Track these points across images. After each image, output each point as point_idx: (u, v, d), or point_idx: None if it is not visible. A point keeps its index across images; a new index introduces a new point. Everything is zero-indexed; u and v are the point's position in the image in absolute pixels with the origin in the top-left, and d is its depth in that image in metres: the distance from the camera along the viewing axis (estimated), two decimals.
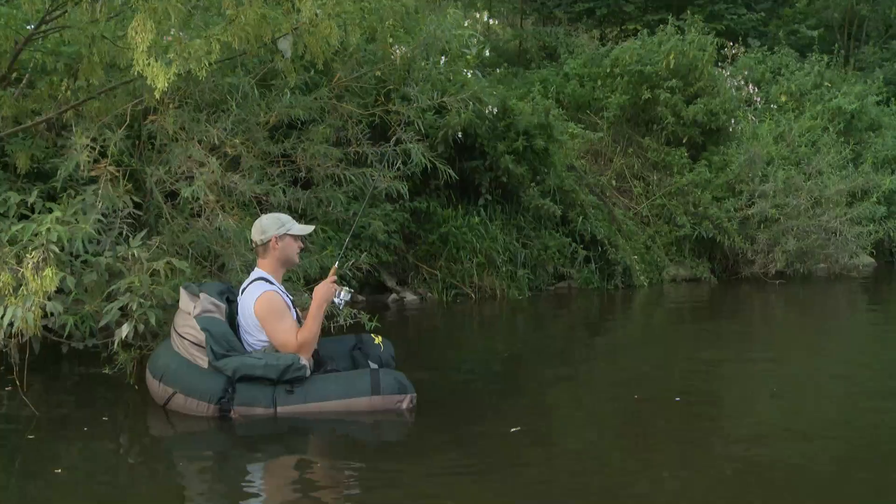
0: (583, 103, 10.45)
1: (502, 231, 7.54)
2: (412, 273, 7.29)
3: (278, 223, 3.54)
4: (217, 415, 3.27)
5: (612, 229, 8.22)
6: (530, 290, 7.56)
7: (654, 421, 3.62)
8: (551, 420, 3.72)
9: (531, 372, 4.66)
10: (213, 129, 3.72)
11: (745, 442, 3.29)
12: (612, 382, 4.44)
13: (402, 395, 3.41)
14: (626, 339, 6.07)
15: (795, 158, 9.85)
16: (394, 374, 3.49)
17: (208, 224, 3.76)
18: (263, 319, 3.41)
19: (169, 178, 3.72)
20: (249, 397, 3.28)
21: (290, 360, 3.33)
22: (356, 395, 3.36)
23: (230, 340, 3.36)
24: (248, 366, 3.28)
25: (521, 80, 11.33)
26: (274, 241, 3.51)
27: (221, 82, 4.04)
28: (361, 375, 3.45)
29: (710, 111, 9.31)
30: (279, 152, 4.65)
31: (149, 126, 3.82)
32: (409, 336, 5.88)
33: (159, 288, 3.53)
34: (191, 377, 3.30)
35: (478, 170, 7.41)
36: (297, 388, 3.33)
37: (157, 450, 3.12)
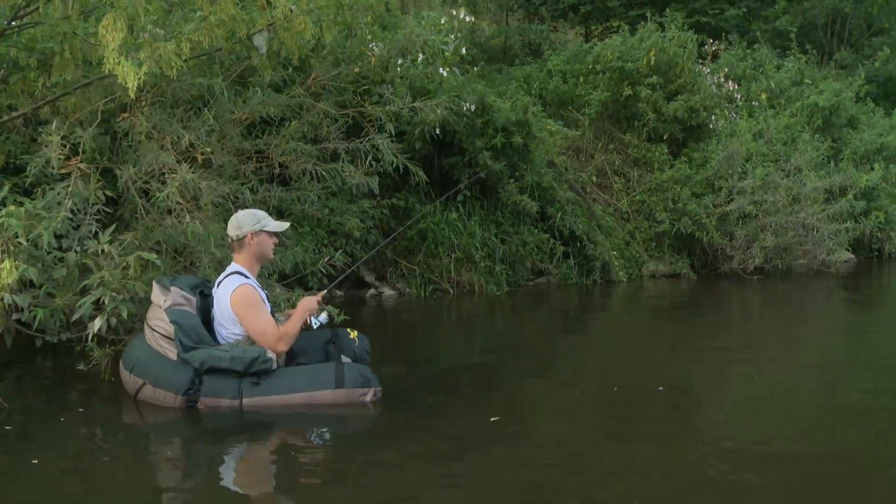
0: (565, 100, 10.57)
1: (481, 227, 7.64)
2: (391, 268, 7.40)
3: (254, 219, 3.64)
4: (184, 405, 3.37)
5: (591, 225, 8.32)
6: (508, 285, 7.66)
7: (633, 411, 3.72)
8: (529, 411, 3.80)
9: (509, 365, 4.72)
10: (185, 134, 3.80)
11: (723, 432, 3.38)
12: (591, 375, 4.51)
13: (365, 388, 3.51)
14: (605, 333, 6.17)
15: (774, 155, 10.00)
16: (358, 368, 3.60)
17: (178, 223, 3.85)
18: (240, 312, 3.51)
19: (139, 176, 3.81)
20: (216, 389, 3.39)
21: (256, 352, 3.43)
22: (320, 388, 3.46)
23: (199, 333, 3.46)
24: (216, 358, 3.39)
25: (505, 76, 11.44)
26: (250, 236, 3.61)
27: (194, 81, 4.13)
28: (326, 369, 3.56)
29: (690, 108, 9.45)
30: (252, 149, 4.74)
31: (122, 123, 3.90)
32: (387, 331, 5.97)
33: (132, 282, 3.62)
34: (159, 369, 3.40)
35: (456, 166, 7.52)
36: (262, 381, 3.44)
37: (130, 441, 3.20)
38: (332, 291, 6.98)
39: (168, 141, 3.86)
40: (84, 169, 3.46)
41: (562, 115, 10.49)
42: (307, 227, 6.33)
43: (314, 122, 5.46)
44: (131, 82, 3.03)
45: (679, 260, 9.07)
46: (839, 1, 14.51)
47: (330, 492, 2.72)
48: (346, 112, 5.16)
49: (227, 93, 4.93)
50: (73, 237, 3.55)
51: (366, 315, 6.51)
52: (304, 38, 4.35)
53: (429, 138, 7.07)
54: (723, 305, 7.91)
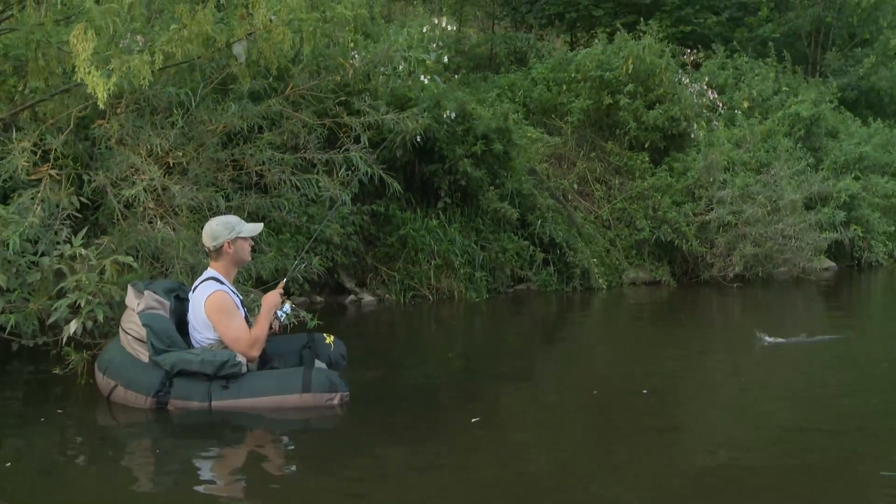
0: (549, 107, 10.75)
1: (461, 234, 7.75)
2: (371, 274, 7.50)
3: (228, 227, 3.73)
4: (154, 407, 3.48)
5: (571, 232, 8.45)
6: (488, 292, 7.77)
7: (612, 415, 3.82)
8: (509, 414, 3.88)
9: (489, 370, 4.80)
10: (157, 139, 3.91)
11: (703, 434, 3.49)
12: (571, 379, 4.60)
13: (332, 393, 3.61)
14: (585, 338, 6.28)
15: (755, 164, 10.19)
16: (325, 373, 3.70)
17: (150, 228, 3.95)
18: (214, 318, 3.61)
19: (110, 180, 3.91)
20: (185, 391, 3.49)
21: (226, 356, 3.54)
22: (287, 392, 3.56)
23: (171, 336, 3.57)
24: (186, 361, 3.49)
25: (490, 84, 11.61)
26: (227, 245, 3.72)
27: (165, 90, 4.24)
28: (294, 373, 3.66)
29: (670, 117, 9.62)
30: (228, 158, 4.84)
31: (96, 130, 4.00)
32: (367, 336, 6.05)
33: (108, 286, 3.71)
34: (131, 371, 3.51)
35: (437, 173, 7.64)
36: (231, 384, 3.54)
37: (103, 444, 3.25)
38: (312, 297, 7.13)
39: (143, 148, 3.96)
40: (54, 175, 3.55)
41: (545, 123, 10.66)
42: (287, 233, 6.44)
43: (293, 132, 5.57)
44: (100, 92, 3.14)
45: (659, 267, 9.21)
46: (822, 10, 14.78)
47: (296, 494, 2.79)
48: (324, 122, 5.27)
49: (206, 101, 5.03)
50: (46, 242, 3.63)
51: (345, 321, 6.61)
52: (284, 48, 4.48)
53: (410, 146, 7.20)
54: (703, 312, 8.06)
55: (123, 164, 3.90)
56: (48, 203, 3.43)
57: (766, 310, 8.27)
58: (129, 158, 3.84)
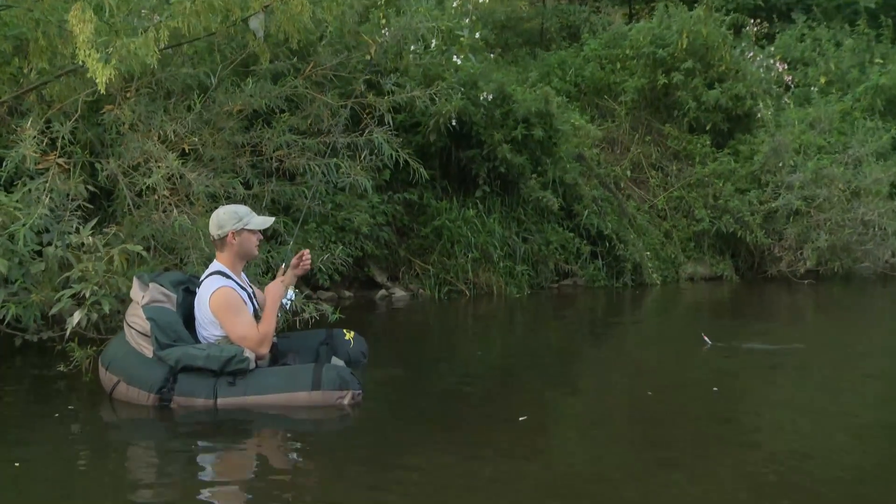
0: (601, 87, 10.57)
1: (500, 224, 7.70)
2: (404, 268, 7.51)
3: (235, 217, 3.75)
4: (157, 404, 3.53)
5: (622, 223, 8.32)
6: (530, 287, 7.71)
7: (668, 417, 3.70)
8: (552, 418, 3.79)
9: (530, 371, 4.68)
10: (170, 125, 3.97)
11: (765, 439, 3.38)
12: (622, 379, 4.47)
13: (342, 391, 3.61)
14: (637, 337, 6.11)
15: (832, 146, 9.78)
16: (337, 370, 3.69)
17: (165, 217, 4.02)
18: (220, 315, 3.66)
19: (123, 169, 3.99)
20: (190, 388, 3.54)
21: (232, 351, 3.57)
22: (296, 390, 3.58)
23: (177, 331, 3.62)
24: (191, 356, 3.53)
25: (539, 62, 11.47)
26: (231, 235, 3.74)
27: (179, 72, 4.29)
28: (304, 370, 3.67)
29: (734, 95, 9.32)
30: (245, 142, 4.88)
31: (106, 116, 4.08)
32: (397, 333, 6.04)
33: (115, 277, 3.79)
34: (134, 366, 3.57)
35: (475, 159, 7.59)
36: (238, 381, 3.57)
37: (107, 444, 3.30)
38: (340, 291, 7.18)
39: (155, 134, 4.03)
40: (62, 164, 3.64)
41: (597, 105, 10.48)
42: (313, 223, 6.49)
43: (318, 115, 5.58)
44: (100, 77, 3.19)
45: (720, 262, 8.97)
46: None
47: (306, 499, 2.79)
48: (346, 103, 5.26)
49: (224, 83, 5.08)
50: (53, 232, 3.72)
51: (374, 317, 6.63)
52: (303, 19, 4.48)
53: (444, 130, 7.18)
54: (769, 311, 7.76)
55: (136, 150, 3.97)
56: (57, 193, 3.51)
57: (842, 310, 7.92)
58: (143, 145, 3.90)
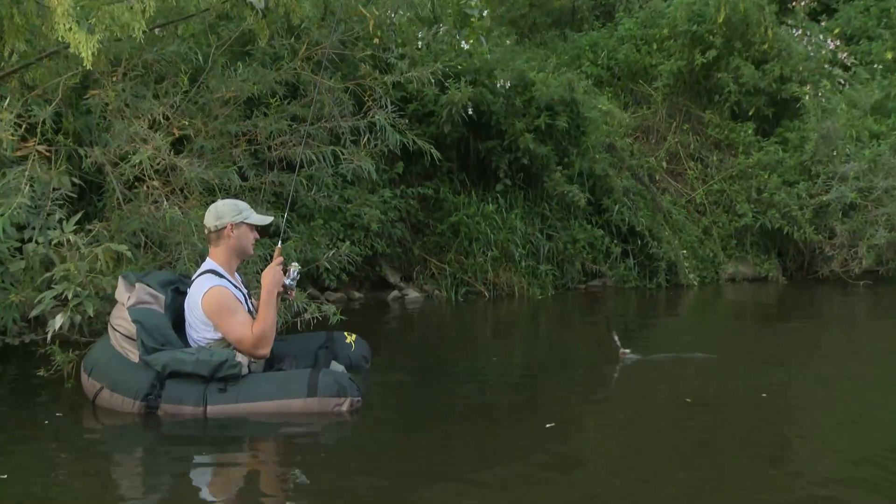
0: (637, 70, 10.50)
1: (522, 221, 7.71)
2: (418, 267, 7.54)
3: (235, 210, 3.81)
4: (143, 412, 3.56)
5: (656, 219, 8.29)
6: (555, 288, 7.71)
7: (710, 426, 3.65)
8: (576, 427, 3.75)
9: (555, 377, 4.64)
10: (159, 108, 4.02)
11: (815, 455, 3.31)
12: (656, 385, 4.43)
13: (340, 397, 3.61)
14: (673, 341, 5.99)
15: (893, 132, 9.57)
16: (334, 375, 3.70)
17: (155, 210, 4.08)
18: (213, 317, 3.69)
19: (108, 158, 4.04)
20: (178, 395, 3.56)
21: (224, 356, 3.60)
22: (290, 397, 3.59)
23: (165, 334, 3.65)
24: (179, 361, 3.56)
25: (569, 44, 11.43)
26: (229, 228, 3.79)
27: (165, 51, 4.32)
28: (299, 376, 3.68)
29: (778, 77, 9.19)
30: (240, 131, 4.92)
31: (91, 100, 4.13)
32: (410, 338, 6.06)
33: (100, 277, 3.84)
34: (118, 371, 3.60)
35: (494, 151, 7.59)
36: (229, 387, 3.59)
37: (88, 455, 3.27)
38: (349, 292, 7.23)
39: (144, 120, 4.07)
40: (42, 151, 3.69)
41: (632, 90, 10.41)
42: (320, 218, 6.54)
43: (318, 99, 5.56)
44: (85, 51, 3.21)
45: (765, 261, 8.87)
46: None
47: None
48: (348, 85, 5.25)
49: (217, 65, 5.10)
50: (35, 227, 3.76)
51: (386, 320, 6.65)
52: None
53: (459, 120, 7.19)
54: (820, 315, 7.63)
55: (122, 135, 4.00)
56: (38, 182, 3.56)
57: None
58: (129, 128, 3.93)
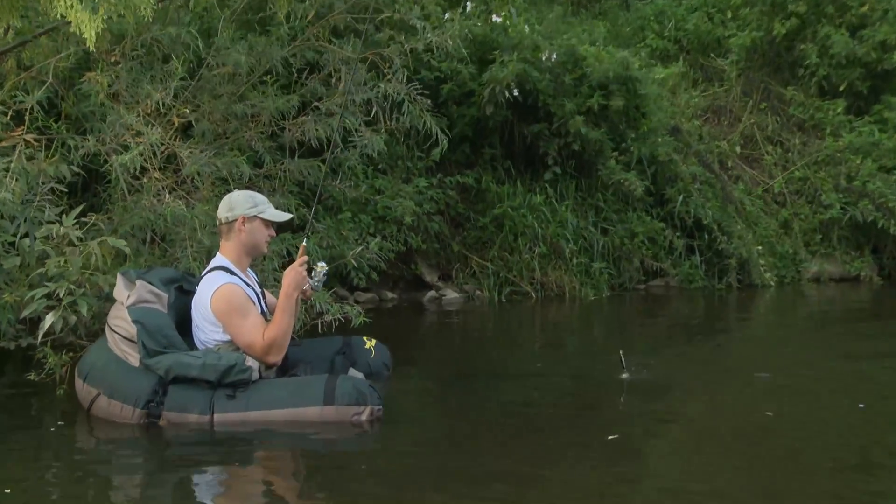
0: (708, 43, 10.35)
1: (574, 213, 7.67)
2: (458, 265, 7.55)
3: (250, 202, 3.84)
4: (143, 421, 3.60)
5: (726, 211, 8.18)
6: (610, 289, 7.65)
7: (796, 441, 3.59)
8: (650, 437, 3.73)
9: (611, 387, 4.54)
10: (157, 93, 4.09)
11: None
12: (732, 396, 4.35)
13: (360, 406, 3.62)
14: (746, 348, 5.94)
15: None
16: (353, 382, 3.72)
17: (157, 203, 4.16)
18: (223, 317, 3.73)
19: (102, 147, 4.13)
20: (182, 402, 3.59)
21: (233, 360, 3.63)
22: (305, 405, 3.60)
23: (168, 335, 3.69)
24: (184, 365, 3.59)
25: (633, 14, 11.32)
26: (241, 221, 3.82)
27: (164, 31, 4.38)
28: (315, 382, 3.71)
29: (878, 44, 8.93)
30: (245, 112, 4.95)
31: (85, 85, 4.22)
32: (447, 343, 6.06)
33: (98, 275, 3.92)
34: (116, 376, 3.65)
35: (542, 135, 7.57)
36: (239, 394, 3.61)
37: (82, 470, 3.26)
38: (381, 292, 7.27)
39: (143, 105, 4.14)
40: (31, 140, 3.79)
41: (702, 66, 10.28)
42: (348, 211, 6.58)
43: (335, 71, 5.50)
44: (88, 31, 3.27)
45: (856, 258, 8.68)
46: None
47: None
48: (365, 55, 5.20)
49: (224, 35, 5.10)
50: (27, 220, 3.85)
51: (421, 322, 6.68)
52: None
53: (503, 101, 7.17)
54: None
55: (116, 124, 4.08)
56: (25, 174, 3.65)
57: None
58: (122, 119, 4.01)
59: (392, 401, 4.03)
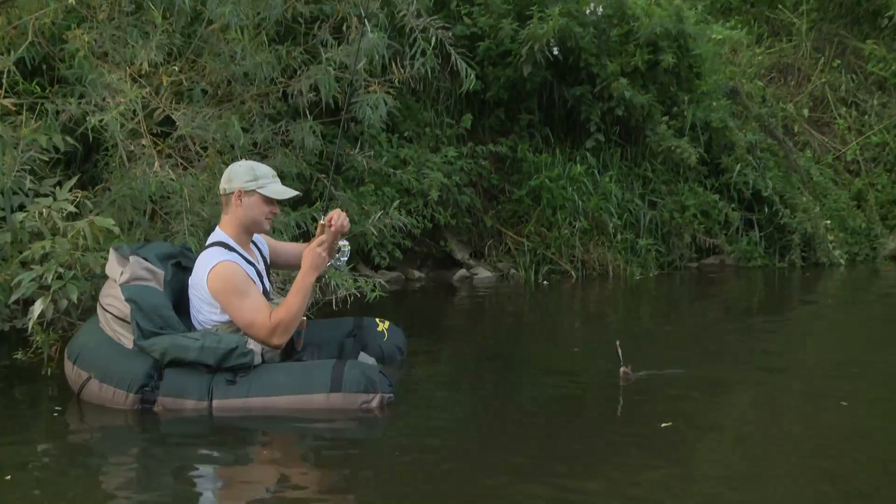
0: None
1: (619, 185, 7.64)
2: (491, 241, 7.57)
3: (250, 175, 3.86)
4: (137, 407, 3.69)
5: (790, 182, 8.11)
6: (659, 267, 7.63)
7: (867, 437, 3.57)
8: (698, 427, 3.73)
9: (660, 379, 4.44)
10: (142, 50, 4.12)
11: None
12: (797, 386, 4.33)
13: (369, 393, 3.68)
14: (814, 333, 5.91)
15: None
16: (362, 368, 3.77)
17: (148, 172, 4.22)
18: (221, 297, 3.79)
19: (79, 113, 4.15)
20: (179, 386, 3.67)
21: (233, 342, 3.69)
22: (310, 392, 3.67)
23: (164, 315, 3.76)
24: (181, 347, 3.67)
25: None
26: (237, 195, 3.85)
27: None
28: (321, 367, 3.77)
29: None
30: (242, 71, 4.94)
31: (70, 44, 4.25)
32: (477, 325, 6.09)
33: (86, 255, 3.97)
34: (109, 359, 3.73)
35: (584, 99, 7.52)
36: (239, 379, 3.69)
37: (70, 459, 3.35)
38: (407, 271, 7.33)
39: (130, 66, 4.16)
40: (10, 105, 3.85)
41: (768, 19, 10.12)
42: (370, 183, 6.62)
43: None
44: None
45: None
46: None
47: None
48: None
49: None
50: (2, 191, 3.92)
51: (449, 304, 6.71)
52: None
53: (542, 60, 7.14)
54: None
55: (98, 83, 4.11)
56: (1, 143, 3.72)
57: None
58: (103, 78, 4.05)
59: (409, 388, 4.10)
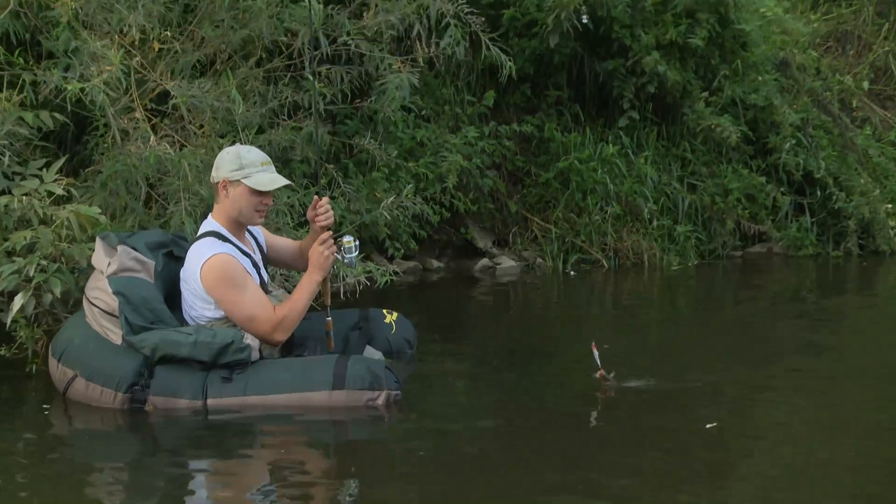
0: None
1: (654, 167, 7.57)
2: (516, 228, 7.53)
3: (236, 163, 3.81)
4: (127, 407, 3.68)
5: (845, 162, 8.03)
6: (699, 256, 7.58)
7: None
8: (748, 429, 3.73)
9: (704, 369, 4.50)
10: (130, 15, 4.08)
11: None
12: (852, 387, 4.34)
13: (374, 391, 3.66)
14: (866, 336, 5.75)
15: None
16: (367, 363, 3.76)
17: (143, 148, 4.20)
18: (214, 291, 3.77)
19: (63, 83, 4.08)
20: (171, 385, 3.67)
21: (229, 337, 3.68)
22: (311, 389, 3.66)
23: (154, 309, 3.76)
24: (173, 343, 3.66)
25: None
26: (222, 184, 3.82)
27: None
28: (323, 363, 3.76)
29: None
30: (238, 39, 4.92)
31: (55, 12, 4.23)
32: (500, 320, 6.07)
33: (73, 246, 3.97)
34: (96, 356, 3.72)
35: (617, 74, 7.45)
36: (236, 376, 3.68)
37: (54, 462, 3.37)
38: (426, 260, 7.29)
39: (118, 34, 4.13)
40: None
41: None
42: (382, 169, 6.58)
43: None
44: None
45: None
46: None
47: None
48: None
49: None
50: None
51: (469, 296, 6.68)
52: None
53: (571, 31, 7.07)
54: None
55: (84, 52, 4.08)
56: None
57: None
58: (87, 46, 4.00)
59: (420, 385, 4.11)
